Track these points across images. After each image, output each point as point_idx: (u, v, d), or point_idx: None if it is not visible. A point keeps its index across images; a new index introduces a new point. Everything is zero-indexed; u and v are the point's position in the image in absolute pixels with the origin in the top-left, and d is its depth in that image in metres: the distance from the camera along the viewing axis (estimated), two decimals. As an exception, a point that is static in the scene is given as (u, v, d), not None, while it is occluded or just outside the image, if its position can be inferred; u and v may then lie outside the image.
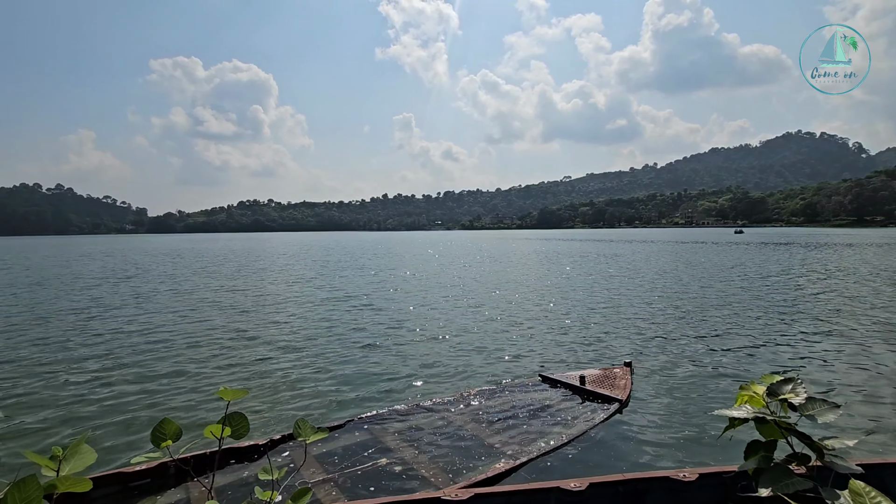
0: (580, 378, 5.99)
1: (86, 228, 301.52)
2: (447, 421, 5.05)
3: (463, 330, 10.22)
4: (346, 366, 7.67)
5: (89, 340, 9.70)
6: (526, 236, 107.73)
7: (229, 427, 1.46)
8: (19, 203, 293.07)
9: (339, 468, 4.03)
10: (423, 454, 4.29)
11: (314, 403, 6.06)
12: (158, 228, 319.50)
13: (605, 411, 5.24)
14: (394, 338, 9.60)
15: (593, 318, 11.26)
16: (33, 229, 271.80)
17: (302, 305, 13.95)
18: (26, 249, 64.23)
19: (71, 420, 5.62)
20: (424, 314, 12.22)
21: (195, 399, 6.25)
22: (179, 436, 1.44)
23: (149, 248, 65.30)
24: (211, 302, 14.83)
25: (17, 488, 1.21)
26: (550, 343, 9.02)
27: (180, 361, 8.04)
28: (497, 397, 5.79)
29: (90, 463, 1.39)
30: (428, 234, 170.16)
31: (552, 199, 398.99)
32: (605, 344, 8.88)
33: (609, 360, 7.77)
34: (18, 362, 8.13)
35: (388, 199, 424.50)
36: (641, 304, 13.06)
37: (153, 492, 3.63)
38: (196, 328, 10.75)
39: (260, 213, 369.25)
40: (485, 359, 8.00)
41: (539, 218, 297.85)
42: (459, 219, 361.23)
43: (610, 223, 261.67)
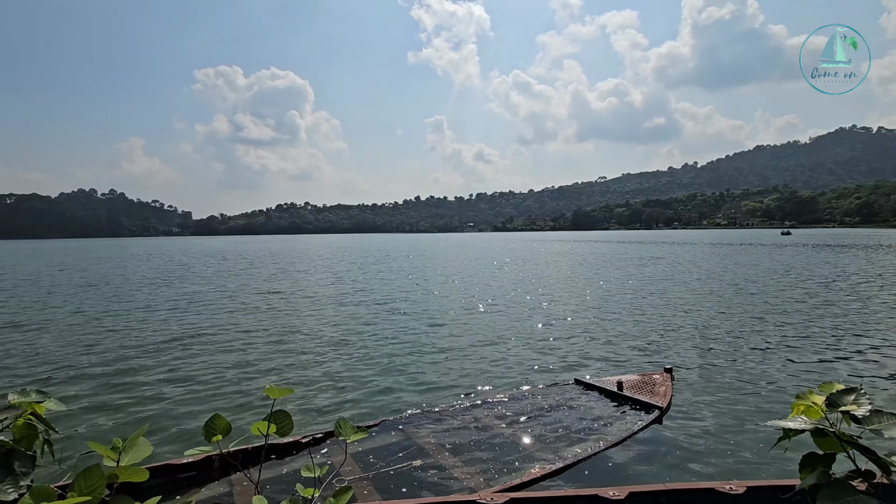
0: (617, 383, 5.84)
1: (136, 231, 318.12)
2: (481, 423, 5.02)
3: (497, 332, 10.17)
4: (380, 366, 7.77)
5: (146, 338, 10.23)
6: (559, 238, 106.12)
7: (274, 424, 1.51)
8: (77, 207, 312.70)
9: (375, 467, 4.08)
10: (456, 456, 4.28)
11: (349, 402, 6.16)
12: (202, 231, 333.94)
13: (644, 418, 5.09)
14: (429, 339, 9.65)
15: (630, 322, 10.96)
16: (89, 232, 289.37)
17: (340, 307, 14.23)
18: (87, 251, 68.41)
19: (126, 413, 5.94)
20: (459, 316, 12.22)
21: (238, 396, 6.48)
22: (229, 431, 1.49)
23: (195, 250, 68.27)
24: (255, 304, 15.35)
25: (84, 476, 1.29)
26: (586, 347, 8.84)
27: (227, 360, 8.36)
28: (532, 401, 5.72)
29: (147, 455, 1.47)
30: (460, 236, 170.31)
31: (586, 200, 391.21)
32: (643, 349, 8.63)
33: (647, 366, 7.54)
34: (79, 359, 8.67)
35: (420, 201, 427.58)
36: (681, 308, 12.62)
37: (199, 484, 3.78)
38: (242, 328, 11.16)
39: (297, 215, 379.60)
40: (519, 361, 7.92)
41: (573, 219, 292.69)
42: (491, 220, 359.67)
43: (647, 224, 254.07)
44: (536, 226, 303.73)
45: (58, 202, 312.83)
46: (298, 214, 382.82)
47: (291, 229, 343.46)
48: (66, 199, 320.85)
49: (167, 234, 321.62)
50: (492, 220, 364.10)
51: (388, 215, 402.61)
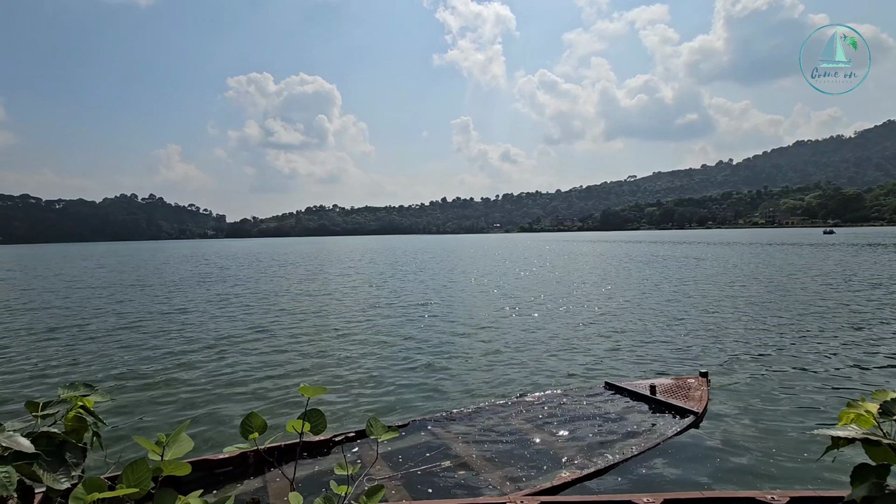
0: (650, 387, 5.69)
1: (174, 234, 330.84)
2: (510, 425, 4.99)
3: (527, 333, 10.08)
4: (409, 366, 7.82)
5: (185, 339, 10.63)
6: (588, 238, 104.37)
7: (308, 423, 1.55)
8: (119, 212, 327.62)
9: (403, 467, 4.10)
10: (485, 458, 4.27)
11: (378, 402, 6.23)
12: (236, 233, 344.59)
13: (678, 423, 4.94)
14: (457, 340, 9.66)
15: (663, 325, 10.68)
16: (131, 235, 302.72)
17: (370, 308, 14.41)
18: (129, 254, 71.60)
19: (165, 410, 6.18)
20: (488, 317, 12.18)
21: (272, 394, 6.65)
22: (265, 429, 1.54)
23: (229, 252, 70.46)
24: (288, 305, 15.72)
25: (132, 468, 1.36)
26: (617, 349, 8.66)
27: (262, 360, 8.59)
28: (561, 403, 5.64)
29: (188, 450, 1.53)
30: (486, 237, 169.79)
31: (615, 199, 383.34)
32: (677, 352, 8.39)
33: (681, 370, 7.33)
34: (122, 357, 9.08)
35: (446, 202, 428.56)
36: (717, 310, 12.20)
37: (234, 479, 3.89)
38: (276, 329, 11.45)
39: (325, 217, 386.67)
40: (549, 363, 7.84)
41: (601, 219, 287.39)
42: (518, 221, 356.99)
43: (679, 224, 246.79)
44: (564, 226, 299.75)
45: (102, 207, 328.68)
46: (327, 216, 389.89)
47: (320, 231, 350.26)
48: (110, 204, 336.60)
49: (202, 237, 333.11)
50: (518, 220, 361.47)
51: (415, 217, 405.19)
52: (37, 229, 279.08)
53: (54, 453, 2.28)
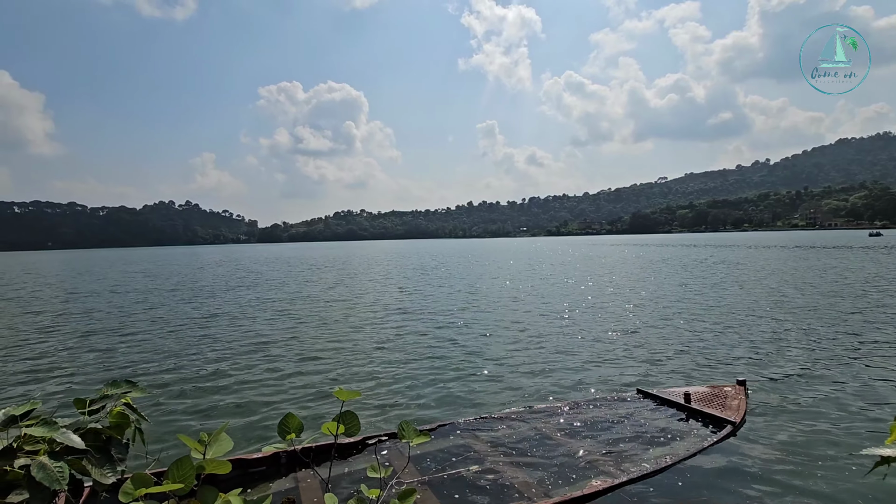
0: (684, 395, 5.53)
1: (208, 239, 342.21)
2: (539, 432, 4.93)
3: (556, 338, 9.96)
4: (439, 370, 7.84)
5: (224, 342, 10.98)
6: (617, 242, 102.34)
7: (343, 425, 1.58)
8: (158, 218, 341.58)
9: (431, 471, 4.11)
10: (514, 464, 4.23)
11: (407, 405, 6.26)
12: (267, 238, 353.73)
13: (714, 434, 4.78)
14: (487, 345, 9.62)
15: (697, 331, 10.35)
16: (169, 240, 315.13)
17: (401, 312, 14.53)
18: (167, 258, 74.45)
19: (202, 408, 6.38)
20: (517, 322, 12.08)
21: (304, 394, 6.78)
22: (301, 430, 1.58)
23: (262, 257, 72.36)
24: (321, 310, 16.02)
25: (177, 466, 1.42)
26: (649, 356, 8.44)
27: (294, 362, 8.78)
28: (591, 410, 5.54)
29: (228, 449, 1.59)
30: (513, 241, 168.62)
31: (645, 202, 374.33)
32: (713, 359, 8.11)
33: (718, 378, 7.08)
34: (163, 359, 9.44)
35: (472, 206, 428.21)
36: (755, 316, 11.74)
37: (267, 478, 3.98)
38: (310, 333, 11.69)
39: (353, 222, 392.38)
40: (579, 369, 7.71)
41: (631, 222, 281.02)
42: (545, 225, 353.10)
43: (714, 226, 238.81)
44: (592, 229, 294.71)
45: (142, 213, 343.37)
46: (355, 221, 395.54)
47: (348, 236, 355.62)
48: (149, 211, 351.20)
49: (235, 242, 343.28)
50: (545, 224, 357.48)
51: (441, 221, 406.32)
52: (83, 235, 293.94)
53: (101, 449, 2.39)
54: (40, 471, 1.70)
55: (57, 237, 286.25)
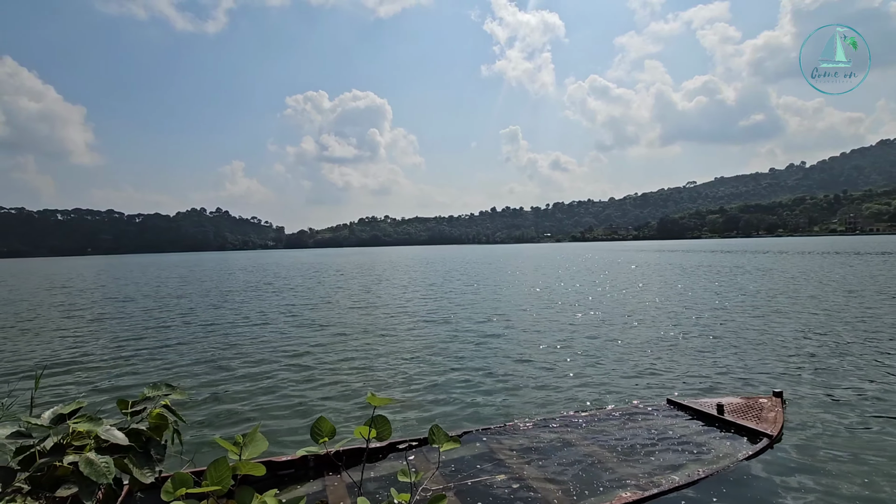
0: (717, 406, 5.35)
1: (238, 245, 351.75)
2: (565, 441, 4.86)
3: (583, 347, 9.81)
4: (465, 377, 7.82)
5: (254, 347, 11.25)
6: (645, 247, 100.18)
7: (374, 429, 1.60)
8: (190, 224, 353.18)
9: (455, 478, 4.10)
10: (540, 473, 4.18)
11: (432, 412, 6.26)
12: (294, 244, 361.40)
13: (749, 447, 4.61)
14: (513, 352, 9.54)
15: (732, 339, 10.02)
16: (200, 246, 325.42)
17: (427, 318, 14.58)
18: (199, 264, 76.79)
19: (236, 413, 6.54)
20: (543, 329, 11.95)
21: (331, 398, 6.87)
22: (334, 433, 1.61)
23: (289, 262, 73.81)
24: (349, 316, 16.24)
25: (215, 467, 1.47)
26: (679, 364, 8.22)
27: (322, 367, 8.92)
28: (620, 420, 5.42)
29: (263, 450, 1.63)
30: (537, 247, 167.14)
31: (673, 206, 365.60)
32: (748, 369, 7.84)
33: (752, 388, 6.84)
34: (197, 364, 9.72)
35: (495, 212, 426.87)
36: (793, 325, 11.29)
37: (296, 481, 4.05)
38: (336, 338, 11.86)
39: (377, 228, 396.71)
40: (607, 377, 7.57)
41: (658, 228, 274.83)
42: (569, 230, 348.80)
43: (746, 232, 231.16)
44: (618, 235, 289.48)
45: (175, 220, 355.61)
46: (379, 227, 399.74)
47: (372, 241, 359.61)
48: (182, 218, 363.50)
49: (263, 248, 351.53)
50: (570, 229, 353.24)
51: (465, 227, 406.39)
52: (120, 241, 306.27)
53: (141, 448, 2.48)
54: (88, 465, 1.79)
55: (96, 243, 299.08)
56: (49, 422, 1.98)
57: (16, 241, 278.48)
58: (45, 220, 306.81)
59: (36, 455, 1.89)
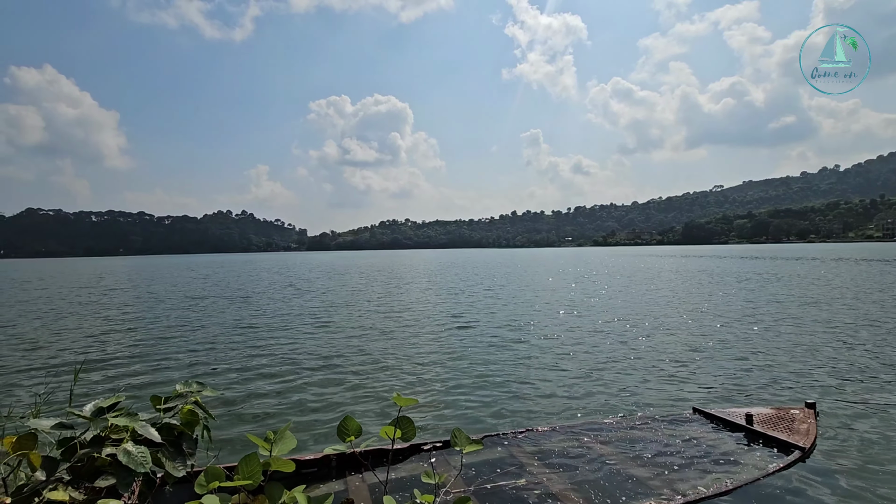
0: (746, 416, 5.21)
1: (262, 246, 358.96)
2: (588, 448, 4.80)
3: (607, 352, 9.67)
4: (486, 381, 7.80)
5: (283, 343, 11.47)
6: (670, 253, 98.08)
7: (399, 430, 1.63)
8: (217, 226, 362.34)
9: (476, 482, 4.09)
10: (562, 480, 4.13)
11: (454, 416, 6.27)
12: (316, 246, 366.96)
13: (780, 459, 4.47)
14: (535, 357, 9.48)
15: (762, 348, 9.72)
16: (225, 247, 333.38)
17: (449, 322, 14.61)
18: (225, 265, 78.59)
19: (262, 411, 6.68)
20: (566, 335, 11.82)
21: (356, 399, 6.95)
22: (360, 432, 1.64)
23: (312, 264, 74.90)
24: (372, 319, 16.41)
25: (246, 462, 1.51)
26: (707, 372, 8.02)
27: (351, 369, 9.03)
28: (643, 427, 5.33)
29: (292, 447, 1.67)
30: (558, 251, 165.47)
31: (699, 211, 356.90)
32: (778, 379, 7.60)
33: (783, 399, 6.63)
34: (225, 362, 9.97)
35: (516, 215, 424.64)
36: (828, 334, 10.89)
37: (318, 480, 4.10)
38: (361, 337, 12.00)
39: (398, 231, 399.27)
40: (631, 384, 7.45)
41: (683, 232, 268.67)
42: (591, 235, 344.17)
43: (775, 237, 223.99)
44: (641, 240, 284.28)
45: (202, 222, 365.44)
46: (399, 230, 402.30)
47: (393, 244, 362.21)
48: (209, 220, 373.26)
49: (286, 250, 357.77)
50: (591, 234, 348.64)
51: (485, 230, 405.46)
52: (150, 242, 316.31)
53: (174, 443, 2.56)
54: (126, 455, 1.86)
55: (128, 244, 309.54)
56: (90, 415, 2.06)
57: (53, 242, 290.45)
58: (80, 222, 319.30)
59: (77, 446, 1.98)
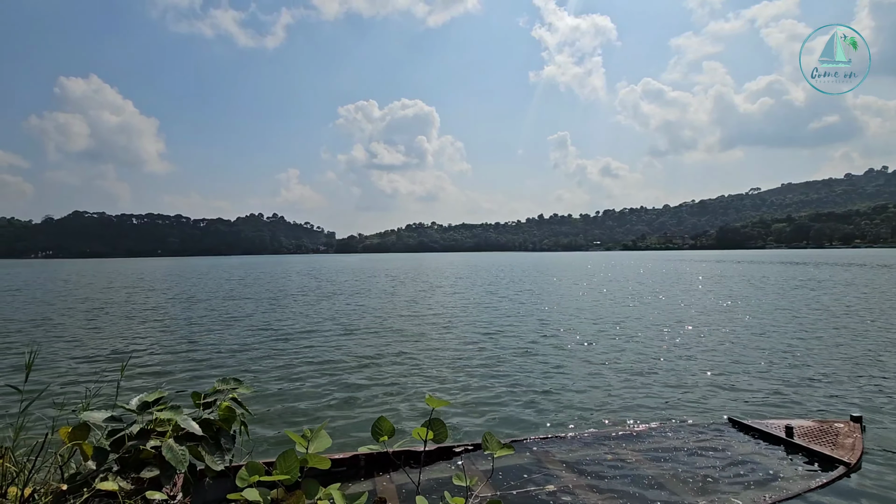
0: (786, 428, 5.01)
1: (292, 249, 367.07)
2: (619, 455, 4.71)
3: (639, 358, 9.47)
4: (516, 386, 7.76)
5: (315, 344, 11.72)
6: (704, 257, 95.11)
7: (432, 431, 1.65)
8: (249, 229, 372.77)
9: (503, 487, 4.07)
10: (590, 487, 4.07)
11: (482, 419, 6.26)
12: (343, 249, 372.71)
13: (823, 474, 4.28)
14: (565, 362, 9.36)
15: (804, 357, 9.32)
16: (257, 249, 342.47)
17: (478, 326, 14.61)
18: (257, 266, 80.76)
19: (293, 411, 6.84)
20: (598, 339, 11.63)
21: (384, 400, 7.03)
22: (393, 433, 1.67)
23: (341, 267, 76.15)
24: (399, 322, 16.57)
25: (284, 458, 1.56)
26: (745, 381, 7.75)
27: (373, 370, 9.15)
28: (675, 437, 5.19)
29: (327, 446, 1.72)
30: (586, 255, 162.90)
31: (734, 214, 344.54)
32: (821, 390, 7.27)
33: (826, 412, 6.33)
34: (258, 362, 10.25)
35: (543, 219, 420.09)
36: (876, 344, 10.35)
37: (347, 479, 4.16)
38: (395, 340, 12.15)
39: (424, 234, 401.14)
40: (663, 391, 7.27)
41: (718, 237, 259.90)
42: (620, 238, 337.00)
43: (817, 242, 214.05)
44: (673, 244, 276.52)
45: (235, 225, 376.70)
46: (426, 233, 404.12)
47: (419, 247, 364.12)
48: (241, 223, 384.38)
49: (315, 252, 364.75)
50: (621, 237, 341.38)
51: (511, 234, 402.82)
52: (186, 244, 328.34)
53: (213, 438, 2.67)
54: (169, 451, 1.95)
55: (166, 246, 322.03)
56: (136, 408, 2.18)
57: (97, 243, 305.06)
58: (122, 224, 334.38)
59: (125, 438, 2.08)
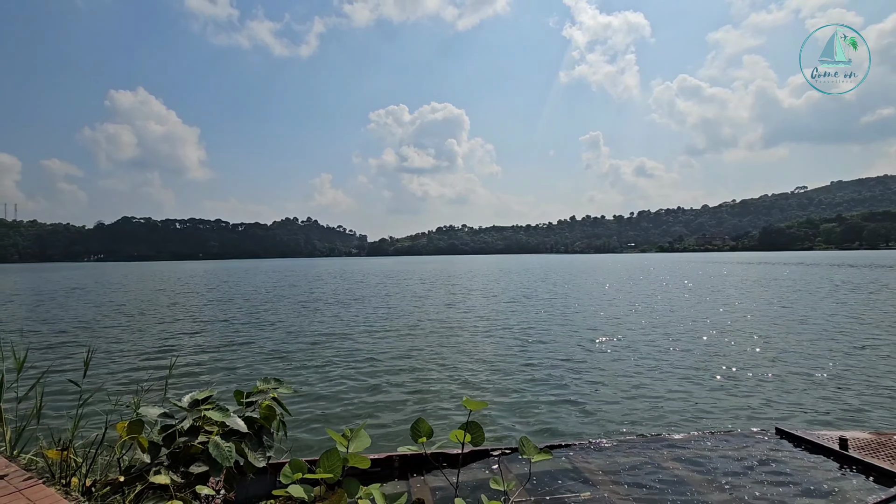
0: (840, 440, 4.73)
1: (325, 252, 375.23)
2: (656, 464, 4.57)
3: (682, 364, 9.19)
4: (553, 391, 7.69)
5: (352, 346, 11.96)
6: (747, 259, 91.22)
7: (469, 434, 1.66)
8: (284, 233, 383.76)
9: (538, 493, 4.02)
10: (627, 496, 3.97)
11: (518, 423, 6.21)
12: (375, 251, 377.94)
13: (881, 490, 4.02)
14: (605, 367, 9.21)
15: (860, 366, 8.81)
16: (292, 252, 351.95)
17: (515, 330, 14.55)
18: (292, 269, 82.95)
19: (330, 411, 6.98)
20: (638, 346, 11.37)
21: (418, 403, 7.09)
22: (431, 434, 1.69)
23: (374, 270, 77.26)
24: (433, 325, 16.69)
25: (327, 456, 1.60)
26: (794, 390, 7.39)
27: (409, 374, 9.24)
28: (718, 446, 4.99)
29: (366, 445, 1.75)
30: (620, 258, 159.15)
31: (779, 214, 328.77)
32: (878, 401, 6.84)
33: (883, 423, 5.96)
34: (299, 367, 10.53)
35: (575, 221, 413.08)
36: (934, 353, 9.67)
37: (381, 479, 4.21)
38: (424, 346, 12.26)
39: (455, 237, 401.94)
40: (707, 399, 7.02)
41: (761, 238, 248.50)
42: (656, 240, 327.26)
43: (871, 243, 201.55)
44: (713, 245, 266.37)
45: (271, 229, 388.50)
46: (456, 236, 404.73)
47: (449, 250, 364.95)
48: (277, 227, 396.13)
49: (348, 255, 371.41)
50: (656, 239, 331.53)
51: (542, 236, 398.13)
52: (225, 247, 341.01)
53: (255, 435, 2.76)
54: (215, 448, 2.04)
55: (206, 249, 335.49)
56: (187, 406, 2.28)
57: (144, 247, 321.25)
58: (166, 229, 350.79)
59: (176, 434, 2.19)
